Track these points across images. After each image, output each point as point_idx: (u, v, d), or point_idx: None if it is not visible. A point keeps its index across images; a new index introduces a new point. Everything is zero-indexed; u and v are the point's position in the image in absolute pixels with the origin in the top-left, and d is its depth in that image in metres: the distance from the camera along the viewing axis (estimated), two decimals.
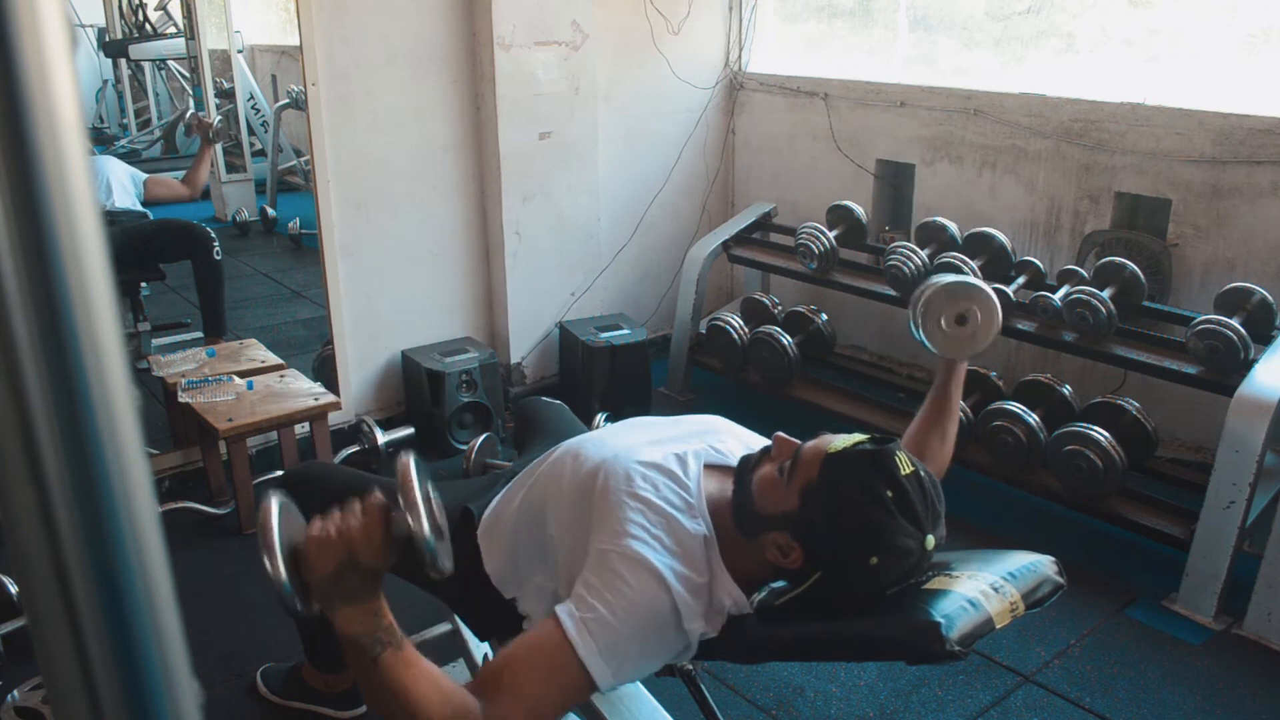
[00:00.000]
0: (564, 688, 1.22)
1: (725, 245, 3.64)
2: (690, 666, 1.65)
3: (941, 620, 1.16)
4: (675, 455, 1.42)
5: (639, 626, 1.24)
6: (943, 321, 1.62)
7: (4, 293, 0.35)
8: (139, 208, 3.53)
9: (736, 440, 1.52)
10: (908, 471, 1.23)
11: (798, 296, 3.71)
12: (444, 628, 2.10)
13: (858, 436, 1.28)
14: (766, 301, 3.52)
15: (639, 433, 1.52)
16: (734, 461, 1.44)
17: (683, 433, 1.51)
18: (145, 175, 3.61)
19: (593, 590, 1.25)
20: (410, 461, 1.12)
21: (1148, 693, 2.15)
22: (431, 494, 1.12)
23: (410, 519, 1.07)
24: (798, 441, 1.33)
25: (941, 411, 1.64)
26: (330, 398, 2.83)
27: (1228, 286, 2.61)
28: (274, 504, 1.12)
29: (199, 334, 3.46)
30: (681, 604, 1.26)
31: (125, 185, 3.51)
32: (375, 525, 1.10)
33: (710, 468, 1.43)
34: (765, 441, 1.52)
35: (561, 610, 1.24)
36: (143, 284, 3.47)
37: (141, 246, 3.40)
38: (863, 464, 1.24)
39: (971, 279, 1.68)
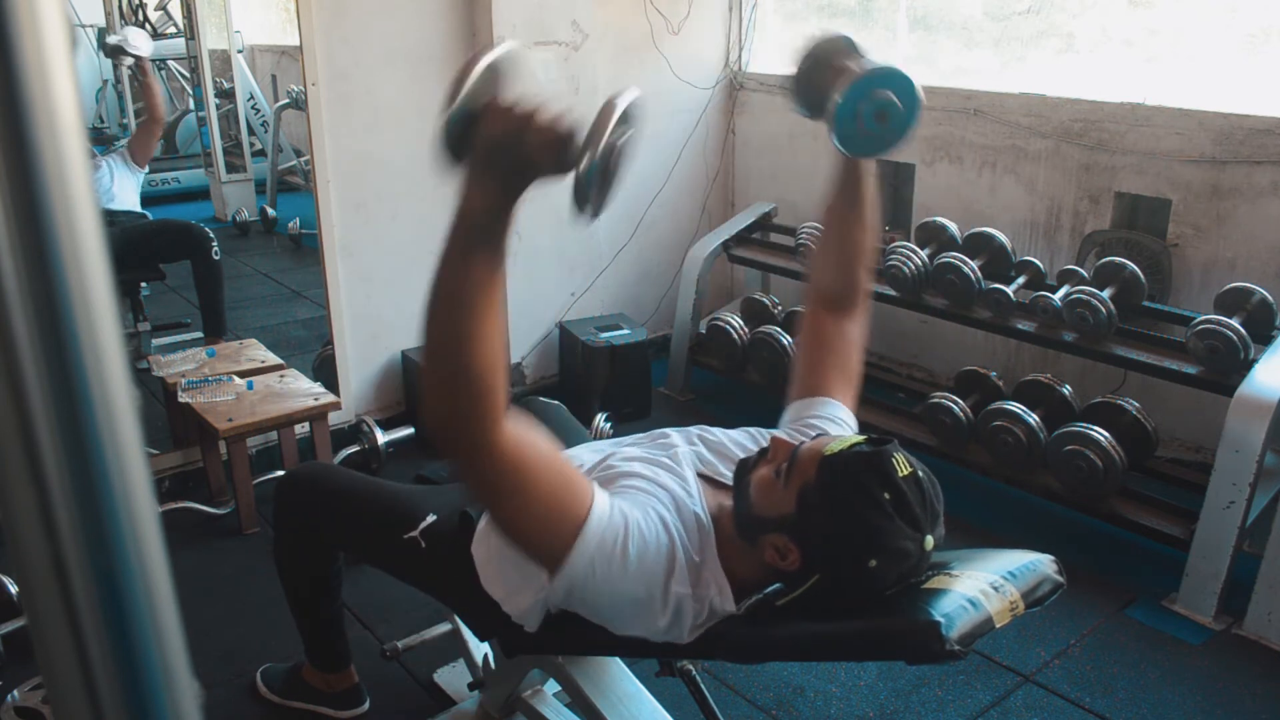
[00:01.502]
0: (553, 514, 1.22)
1: (725, 245, 3.64)
2: (690, 666, 1.65)
3: (941, 619, 1.15)
4: (666, 455, 1.46)
5: (642, 547, 1.26)
6: (861, 120, 1.47)
7: (4, 293, 0.35)
8: (139, 208, 3.53)
9: (715, 445, 1.52)
10: (905, 473, 1.23)
11: (798, 296, 3.71)
12: (444, 628, 2.10)
13: (855, 438, 1.28)
14: (766, 301, 3.52)
15: (625, 445, 1.55)
16: (720, 470, 1.45)
17: (665, 441, 1.53)
18: (122, 147, 3.55)
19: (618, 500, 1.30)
20: (631, 95, 1.11)
21: (1148, 693, 2.15)
22: (624, 138, 1.10)
23: (596, 135, 1.06)
24: (795, 443, 1.33)
25: (854, 201, 1.57)
26: (330, 398, 2.83)
27: (1228, 286, 2.61)
28: (504, 48, 1.12)
29: (199, 334, 3.46)
30: (679, 561, 1.28)
31: (127, 185, 3.50)
32: (561, 123, 1.06)
33: (700, 475, 1.44)
34: (746, 435, 1.53)
35: (599, 489, 1.28)
36: (143, 284, 3.47)
37: (141, 246, 3.40)
38: (860, 466, 1.23)
39: (885, 68, 1.48)
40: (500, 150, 1.07)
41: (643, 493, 1.35)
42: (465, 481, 1.23)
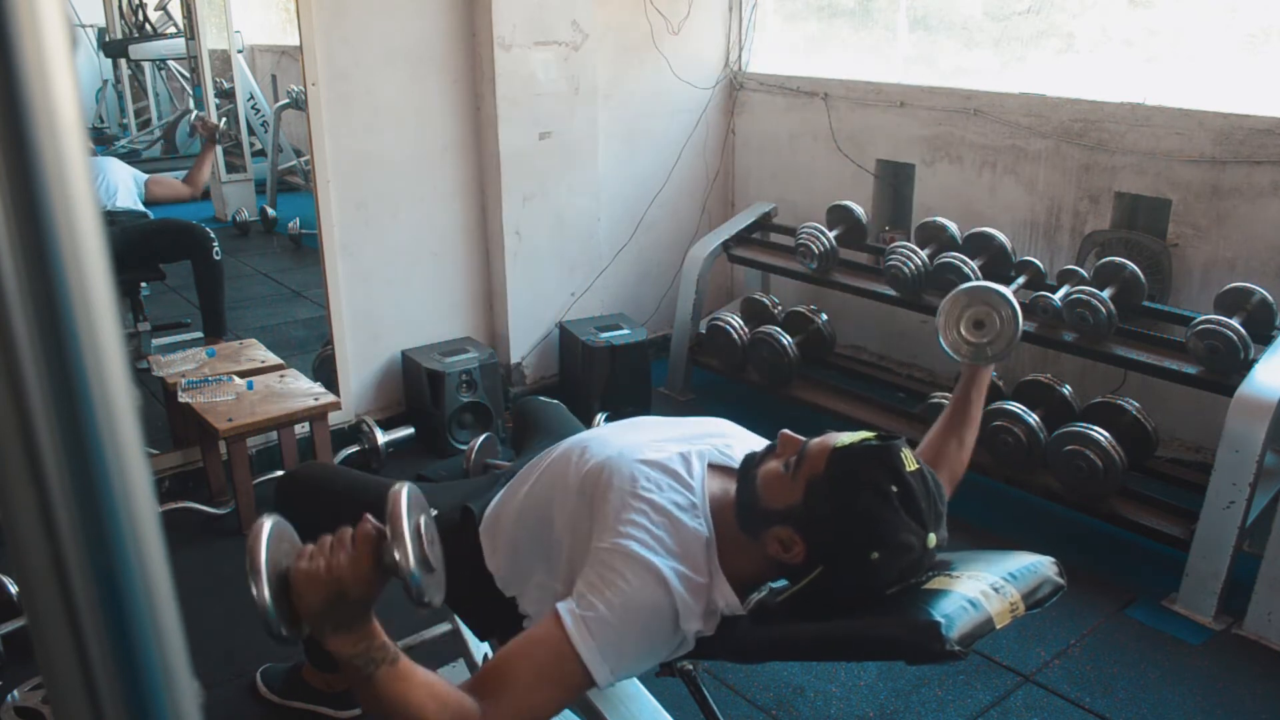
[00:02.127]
0: (562, 685, 1.23)
1: (725, 245, 3.64)
2: (690, 666, 1.65)
3: (941, 620, 1.15)
4: (679, 455, 1.42)
5: (638, 625, 1.25)
6: (961, 328, 1.67)
7: (4, 293, 0.35)
8: (139, 208, 3.53)
9: (741, 442, 1.52)
10: (912, 468, 1.24)
11: (798, 296, 3.71)
12: (444, 628, 2.10)
13: (864, 434, 1.29)
14: (766, 301, 3.52)
15: (643, 431, 1.52)
16: (738, 462, 1.44)
17: (687, 433, 1.51)
18: (146, 176, 3.61)
19: (593, 588, 1.26)
20: (402, 494, 1.12)
21: (1148, 693, 2.15)
22: (423, 527, 1.12)
23: (398, 554, 1.08)
24: (803, 438, 1.33)
25: (961, 417, 1.64)
26: (330, 398, 2.83)
27: (1228, 286, 2.61)
28: (265, 529, 1.10)
29: (199, 334, 3.46)
30: (681, 604, 1.26)
31: (127, 185, 3.51)
32: (365, 559, 1.10)
33: (714, 468, 1.43)
34: (769, 442, 1.52)
35: (562, 608, 1.25)
36: (143, 284, 3.47)
37: (141, 246, 3.40)
38: (868, 458, 1.24)
39: (989, 285, 1.70)
40: (328, 610, 1.09)
41: (637, 527, 1.30)
42: None
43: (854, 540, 1.24)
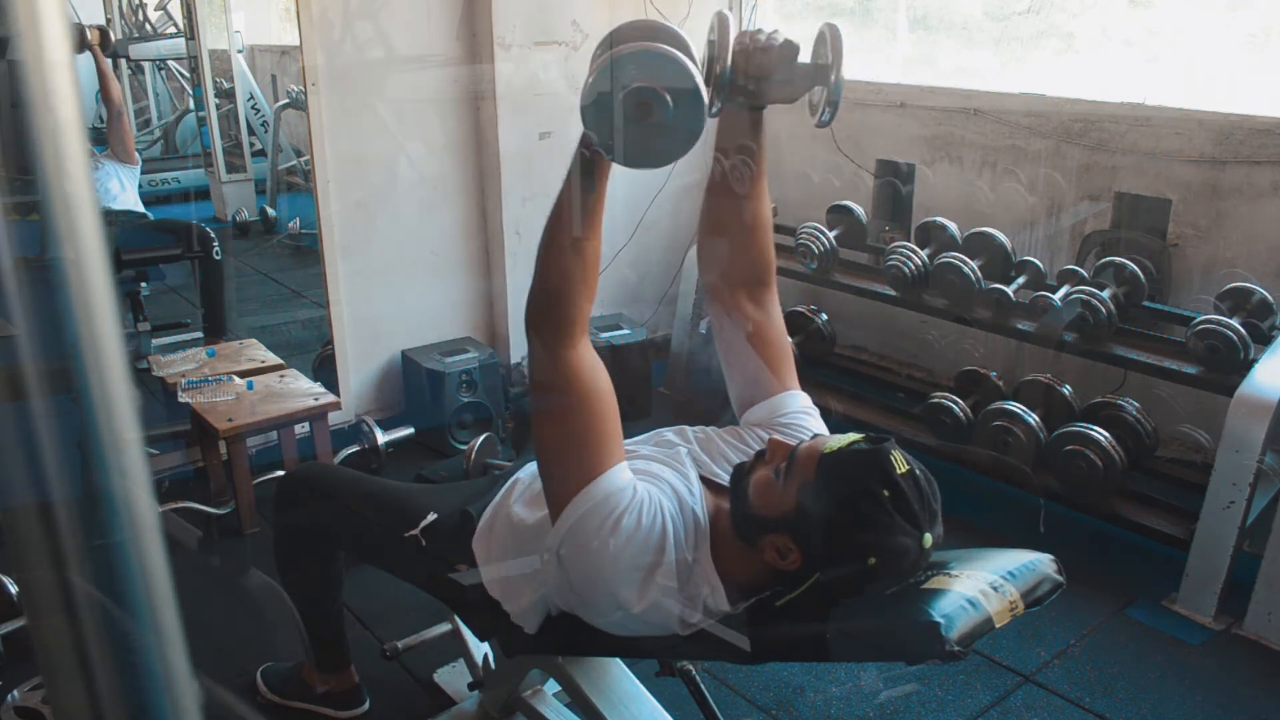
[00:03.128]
0: (584, 444, 1.29)
1: None
2: (690, 666, 1.65)
3: (941, 620, 1.15)
4: (670, 454, 1.47)
5: (633, 529, 1.28)
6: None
7: (4, 293, 0.35)
8: (140, 208, 3.53)
9: (706, 444, 1.54)
10: (903, 470, 1.23)
11: (798, 296, 3.71)
12: (444, 628, 2.10)
13: (852, 436, 1.28)
14: None
15: (632, 443, 1.55)
16: (716, 471, 1.46)
17: (666, 440, 1.55)
18: (105, 149, 3.55)
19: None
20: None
21: (1148, 693, 2.15)
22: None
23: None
24: (792, 443, 1.33)
25: (758, 169, 1.60)
26: (330, 398, 2.83)
27: (1228, 286, 2.61)
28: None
29: (199, 334, 3.46)
30: (668, 554, 1.29)
31: (127, 182, 3.51)
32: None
33: (700, 477, 1.45)
34: (732, 434, 1.54)
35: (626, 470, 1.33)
36: (143, 284, 3.47)
37: (142, 246, 3.40)
38: (858, 464, 1.24)
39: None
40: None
41: (651, 483, 1.36)
42: (534, 375, 1.31)
43: (850, 547, 1.24)
